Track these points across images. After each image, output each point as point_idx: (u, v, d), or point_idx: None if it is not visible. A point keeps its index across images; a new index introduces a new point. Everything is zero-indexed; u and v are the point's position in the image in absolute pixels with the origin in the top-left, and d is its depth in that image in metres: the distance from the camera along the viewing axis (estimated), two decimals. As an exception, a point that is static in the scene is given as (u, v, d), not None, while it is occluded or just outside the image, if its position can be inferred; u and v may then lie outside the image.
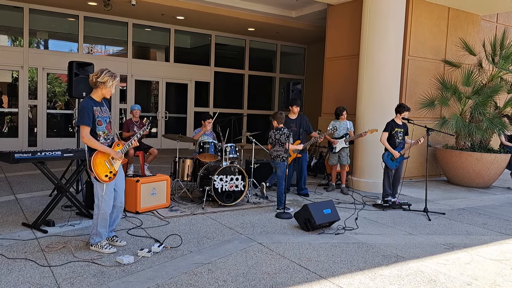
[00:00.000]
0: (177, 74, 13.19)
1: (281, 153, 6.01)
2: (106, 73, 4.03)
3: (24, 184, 7.20)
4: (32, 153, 4.59)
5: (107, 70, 4.07)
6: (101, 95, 4.13)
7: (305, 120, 7.19)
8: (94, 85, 4.07)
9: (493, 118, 8.55)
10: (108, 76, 4.02)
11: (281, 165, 6.05)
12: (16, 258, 3.91)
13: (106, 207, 4.12)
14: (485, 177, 8.53)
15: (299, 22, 12.10)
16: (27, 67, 10.98)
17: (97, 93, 4.11)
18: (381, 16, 7.71)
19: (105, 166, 4.06)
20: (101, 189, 4.08)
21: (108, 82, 4.04)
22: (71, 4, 10.68)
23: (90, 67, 6.45)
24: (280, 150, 6.05)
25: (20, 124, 11.05)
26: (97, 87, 4.07)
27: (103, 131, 4.11)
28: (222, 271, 3.81)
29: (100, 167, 4.03)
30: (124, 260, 3.88)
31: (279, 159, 6.03)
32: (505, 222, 6.00)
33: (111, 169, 4.10)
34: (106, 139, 4.14)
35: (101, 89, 4.08)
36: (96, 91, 4.10)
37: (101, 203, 4.09)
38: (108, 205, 4.14)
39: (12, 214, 5.40)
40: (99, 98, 4.13)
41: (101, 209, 4.10)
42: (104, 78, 4.01)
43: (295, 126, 7.06)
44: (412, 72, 8.97)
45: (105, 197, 4.09)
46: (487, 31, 10.66)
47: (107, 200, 4.11)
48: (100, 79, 4.02)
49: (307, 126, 7.17)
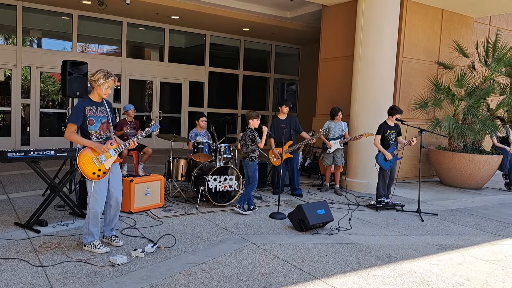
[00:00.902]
0: (171, 74, 13.16)
1: (249, 153, 5.99)
2: (99, 72, 4.08)
3: (16, 184, 7.16)
4: (25, 153, 4.56)
5: (102, 70, 4.12)
6: (97, 95, 4.16)
7: (294, 120, 7.22)
8: (91, 85, 4.14)
9: (485, 119, 8.63)
10: (100, 75, 4.06)
11: (250, 164, 5.98)
12: (8, 258, 3.88)
13: (95, 205, 4.10)
14: (477, 178, 8.60)
15: (294, 23, 12.12)
16: (20, 65, 10.91)
17: (93, 93, 4.16)
18: (376, 17, 7.75)
19: (92, 163, 4.05)
20: (90, 187, 4.09)
21: (99, 80, 4.06)
22: (65, 2, 10.63)
23: (84, 66, 6.42)
24: (247, 151, 6.00)
25: (13, 123, 10.98)
26: (93, 87, 4.13)
27: (95, 130, 4.12)
28: (216, 271, 3.81)
29: (87, 164, 4.02)
30: (118, 260, 3.87)
31: (248, 158, 6.01)
32: (497, 223, 6.06)
33: (99, 167, 4.08)
34: (98, 138, 4.15)
35: (96, 89, 4.12)
36: (93, 91, 4.15)
37: (90, 201, 4.10)
38: (99, 203, 4.11)
39: (5, 213, 5.36)
40: (96, 98, 4.16)
41: (91, 207, 4.10)
42: (96, 76, 4.06)
43: (285, 126, 7.09)
44: (406, 74, 9.02)
45: (94, 194, 4.08)
46: (480, 33, 10.75)
47: (97, 198, 4.10)
48: (93, 78, 4.08)
49: (297, 126, 7.20)
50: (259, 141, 5.93)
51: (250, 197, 6.04)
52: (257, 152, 6.02)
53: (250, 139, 5.93)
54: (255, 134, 5.96)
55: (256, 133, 5.99)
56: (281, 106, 7.18)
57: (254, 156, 5.97)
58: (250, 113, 6.00)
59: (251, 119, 5.97)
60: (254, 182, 5.97)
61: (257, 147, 5.95)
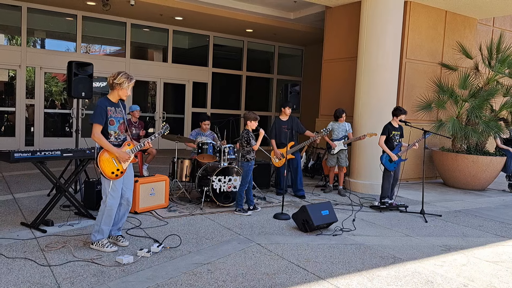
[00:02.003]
0: (175, 75, 13.20)
1: (245, 154, 6.01)
2: (122, 75, 4.15)
3: (22, 184, 7.20)
4: (32, 153, 4.59)
5: (124, 72, 4.20)
6: (117, 96, 4.23)
7: (296, 121, 7.24)
8: (111, 86, 4.19)
9: (489, 121, 8.63)
10: (124, 78, 4.14)
11: (244, 164, 6.00)
12: (15, 258, 3.91)
13: (112, 204, 4.18)
14: (481, 179, 8.60)
15: (297, 24, 12.15)
16: (25, 66, 10.97)
17: (113, 94, 4.22)
18: (380, 18, 7.76)
19: (112, 163, 4.14)
20: (108, 186, 4.16)
21: (124, 84, 4.15)
22: (70, 3, 10.68)
23: (90, 67, 6.45)
24: (243, 152, 6.01)
25: (17, 123, 11.03)
26: (114, 88, 4.19)
27: (114, 130, 4.21)
28: (221, 272, 3.84)
29: (107, 163, 4.11)
30: (124, 260, 3.90)
31: (243, 159, 6.03)
32: (500, 225, 6.06)
33: (118, 167, 4.17)
34: (117, 139, 4.24)
35: (118, 90, 4.19)
36: (113, 92, 4.21)
37: (108, 200, 4.16)
38: (115, 202, 4.20)
39: (11, 213, 5.40)
40: (115, 99, 4.23)
41: (107, 205, 4.16)
42: (120, 79, 4.13)
43: (286, 127, 7.12)
44: (409, 75, 9.03)
45: (111, 193, 4.16)
46: (484, 35, 10.75)
47: (115, 197, 4.19)
48: (116, 81, 4.13)
49: (298, 127, 7.21)
50: (254, 144, 5.95)
51: (250, 197, 6.07)
52: (253, 153, 6.04)
53: (245, 140, 5.96)
54: (250, 136, 5.98)
55: (252, 135, 6.00)
56: (284, 108, 7.21)
57: (249, 157, 5.98)
58: (249, 115, 6.01)
59: (249, 121, 5.97)
60: (245, 182, 5.96)
61: (252, 149, 5.97)
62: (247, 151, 5.97)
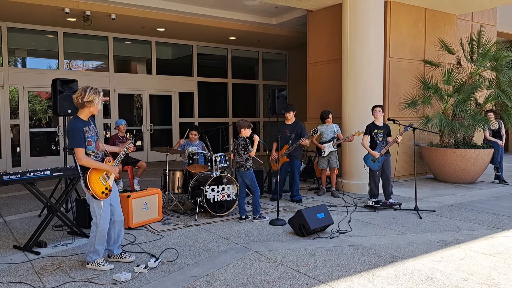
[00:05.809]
0: (160, 86, 13.14)
1: (243, 163, 5.98)
2: (90, 91, 3.97)
3: (11, 206, 7.06)
4: (21, 174, 4.51)
5: (89, 87, 4.00)
6: (88, 113, 4.07)
7: (300, 127, 7.23)
8: (81, 105, 4.00)
9: (475, 114, 8.74)
10: (93, 94, 3.97)
11: (246, 174, 5.97)
12: (10, 283, 3.83)
13: (104, 224, 4.09)
14: (470, 172, 8.69)
15: (280, 29, 12.21)
16: (8, 86, 10.81)
17: (84, 112, 4.05)
18: (361, 19, 7.84)
19: (100, 182, 4.03)
20: (98, 207, 4.05)
21: (94, 100, 3.98)
22: (50, 20, 10.56)
23: (74, 83, 6.36)
24: (240, 160, 5.99)
25: (3, 145, 10.85)
26: (84, 107, 4.01)
27: (92, 150, 4.07)
28: (221, 282, 3.80)
29: (96, 184, 4.00)
30: (121, 277, 3.83)
31: (242, 168, 6.00)
32: (493, 216, 6.12)
33: (106, 185, 4.08)
34: (96, 157, 4.11)
35: (89, 108, 4.02)
36: (83, 110, 4.04)
37: (99, 221, 4.06)
38: (106, 222, 4.12)
39: (2, 237, 5.28)
40: (86, 117, 4.07)
41: (100, 226, 4.06)
42: (90, 97, 3.95)
43: (288, 131, 7.14)
44: (394, 73, 9.12)
45: (103, 214, 4.07)
46: (464, 30, 10.93)
47: (105, 217, 4.09)
48: (86, 99, 3.95)
49: (302, 133, 7.17)
50: (251, 150, 5.95)
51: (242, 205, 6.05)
52: (251, 160, 6.03)
53: (242, 147, 5.95)
54: (247, 142, 5.98)
55: (248, 141, 6.01)
56: (286, 112, 7.24)
57: (249, 165, 5.98)
58: (242, 123, 6.02)
59: (243, 129, 5.99)
60: (256, 189, 6.00)
61: (249, 156, 5.97)
62: (246, 159, 5.96)
